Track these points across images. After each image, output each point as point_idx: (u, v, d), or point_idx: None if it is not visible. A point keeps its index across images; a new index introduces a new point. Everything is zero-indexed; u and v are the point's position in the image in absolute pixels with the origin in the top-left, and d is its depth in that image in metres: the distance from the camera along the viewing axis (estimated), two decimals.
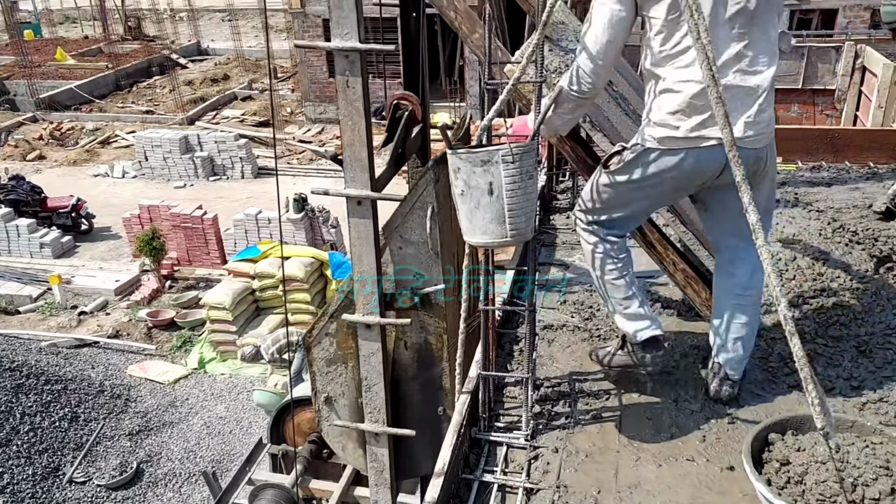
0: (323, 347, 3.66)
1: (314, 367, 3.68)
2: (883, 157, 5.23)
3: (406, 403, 3.64)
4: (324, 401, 3.71)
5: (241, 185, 17.52)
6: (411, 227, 3.40)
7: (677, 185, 2.62)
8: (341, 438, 3.75)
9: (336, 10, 3.21)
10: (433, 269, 3.36)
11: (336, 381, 3.69)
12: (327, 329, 3.64)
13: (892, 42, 9.75)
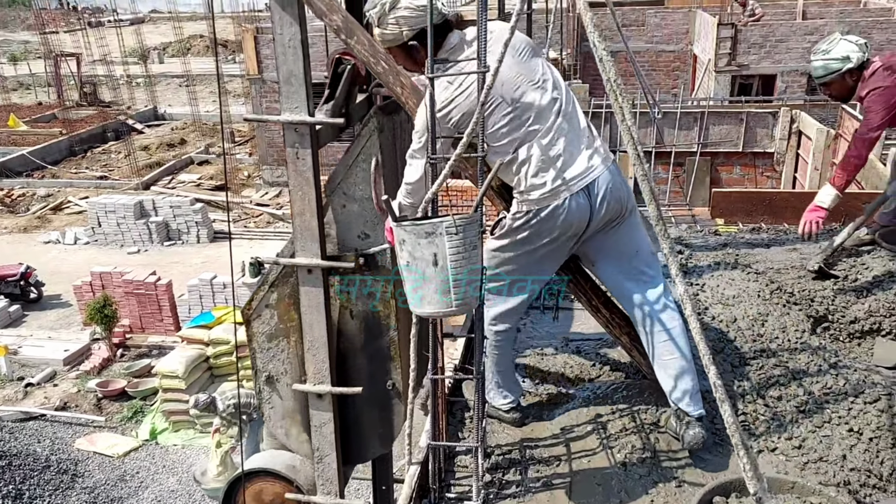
0: (263, 321, 3.43)
1: (254, 344, 3.43)
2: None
3: (353, 379, 3.43)
4: (265, 381, 3.47)
5: (197, 249, 17.37)
6: (355, 181, 3.26)
7: (556, 240, 2.81)
8: (284, 423, 3.54)
9: (285, 85, 3.29)
10: (379, 228, 3.23)
11: (278, 358, 3.46)
12: (267, 300, 3.41)
13: (825, 105, 10.24)
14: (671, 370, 2.91)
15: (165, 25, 45.92)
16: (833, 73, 3.88)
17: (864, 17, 18.33)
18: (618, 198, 2.80)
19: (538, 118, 2.72)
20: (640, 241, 2.94)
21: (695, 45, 21.12)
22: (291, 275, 3.30)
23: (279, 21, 3.18)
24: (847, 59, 3.83)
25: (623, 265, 2.89)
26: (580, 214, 2.76)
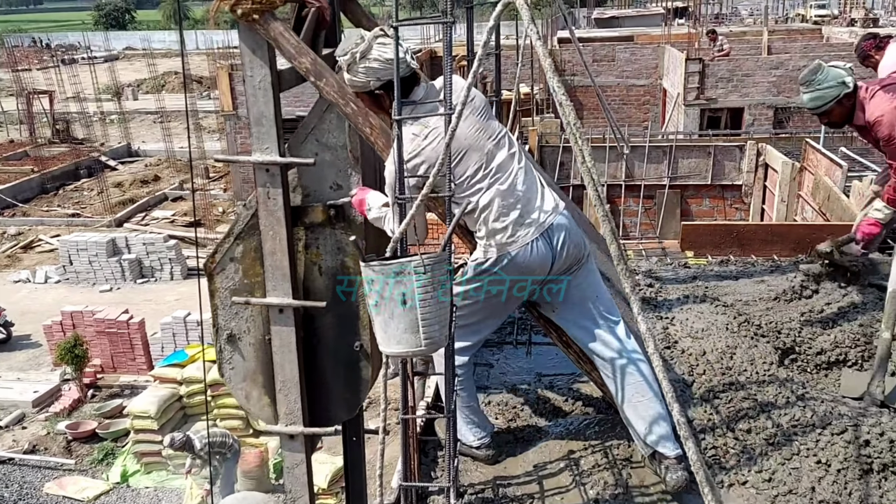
0: (227, 275, 3.29)
1: (216, 300, 3.28)
2: (786, 250, 5.54)
3: (320, 339, 3.32)
4: (226, 339, 3.31)
5: (170, 286, 17.21)
6: (328, 128, 3.17)
7: (517, 286, 2.88)
8: (245, 385, 3.39)
9: (256, 126, 3.31)
10: (352, 178, 3.14)
11: (241, 316, 3.32)
12: (232, 253, 3.27)
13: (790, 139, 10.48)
14: (644, 413, 2.91)
15: (140, 62, 45.95)
16: (832, 100, 3.91)
17: (827, 51, 18.84)
18: (576, 242, 2.91)
19: (500, 169, 2.83)
20: (599, 286, 3.02)
21: (664, 80, 21.54)
22: (258, 226, 3.16)
23: (249, 64, 3.21)
24: (843, 83, 3.88)
25: (584, 311, 2.96)
26: (541, 260, 2.84)
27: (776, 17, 47.28)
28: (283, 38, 3.11)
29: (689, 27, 25.83)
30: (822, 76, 3.91)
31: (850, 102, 3.95)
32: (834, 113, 3.99)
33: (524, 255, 2.82)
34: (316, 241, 3.26)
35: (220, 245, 3.20)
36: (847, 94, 3.89)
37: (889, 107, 3.84)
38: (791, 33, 27.65)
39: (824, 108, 3.95)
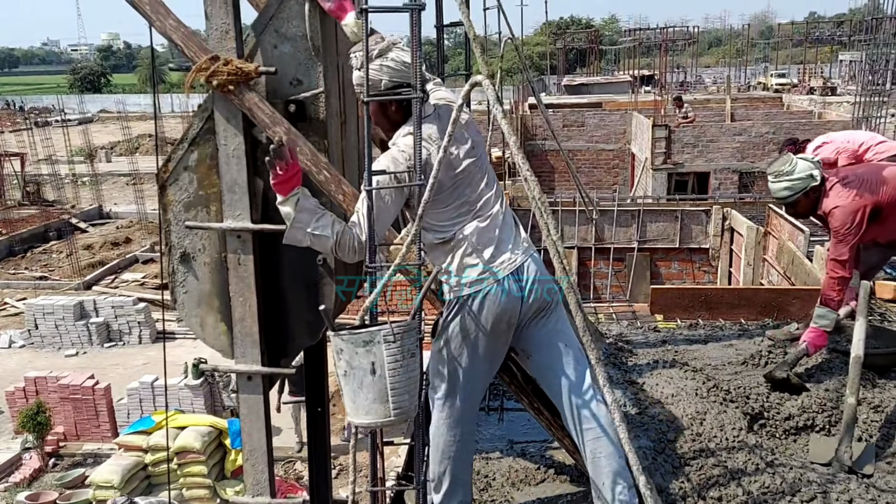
0: (180, 187, 3.06)
1: (169, 214, 3.03)
2: (753, 313, 5.63)
3: (280, 257, 3.14)
4: (179, 259, 3.07)
5: (139, 350, 16.88)
6: (288, 16, 2.98)
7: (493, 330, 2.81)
8: (199, 311, 3.19)
9: (228, 194, 3.33)
10: (313, 72, 2.95)
11: (196, 233, 3.10)
12: (186, 161, 3.05)
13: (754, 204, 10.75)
14: (606, 467, 2.86)
15: (114, 125, 46.06)
16: (799, 192, 4.06)
17: (788, 119, 19.52)
18: (546, 285, 2.89)
19: (484, 205, 2.83)
20: (569, 336, 2.98)
21: (632, 145, 22.07)
22: (215, 130, 3.01)
23: (223, 132, 3.25)
24: (811, 176, 4.04)
25: (553, 360, 2.91)
26: (512, 300, 2.80)
27: (739, 85, 49.01)
28: (258, 108, 3.17)
29: (656, 94, 26.62)
30: (791, 168, 4.06)
31: (815, 195, 4.10)
32: (801, 204, 4.15)
33: (494, 294, 2.77)
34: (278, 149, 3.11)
35: (174, 152, 3.00)
36: (814, 187, 4.05)
37: (845, 202, 3.98)
38: (753, 101, 28.61)
39: (792, 199, 4.11)
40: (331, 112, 3.19)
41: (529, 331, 2.91)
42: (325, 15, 3.06)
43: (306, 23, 2.92)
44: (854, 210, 3.97)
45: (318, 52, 2.95)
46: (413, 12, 2.65)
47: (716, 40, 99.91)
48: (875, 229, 4.13)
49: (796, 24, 66.88)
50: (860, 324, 3.85)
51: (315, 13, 2.93)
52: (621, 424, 1.91)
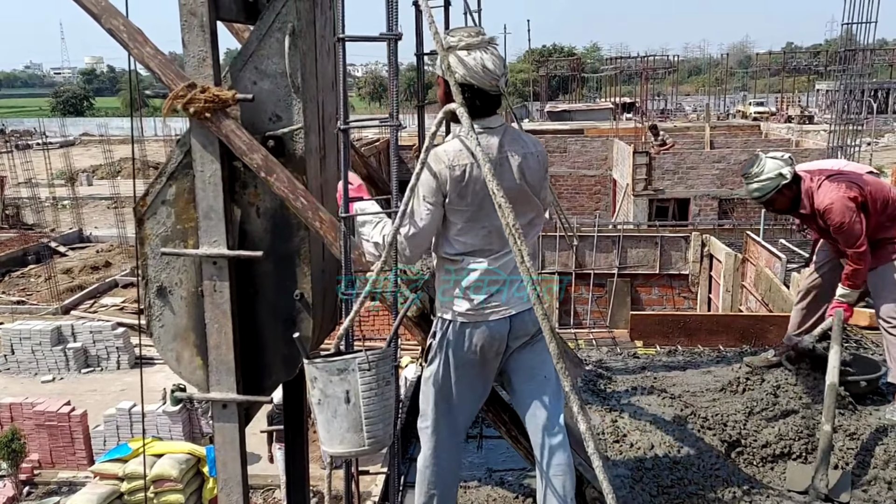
0: (158, 220, 3.04)
1: (146, 247, 3.02)
2: (731, 339, 5.66)
3: (257, 289, 3.08)
4: (156, 293, 3.05)
5: (116, 376, 16.65)
6: (268, 53, 2.96)
7: (481, 359, 2.79)
8: (175, 345, 3.15)
9: (205, 220, 3.32)
10: (292, 108, 2.94)
11: (173, 266, 3.07)
12: (164, 195, 3.02)
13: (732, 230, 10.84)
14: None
15: (96, 148, 45.82)
16: (771, 191, 4.11)
17: (766, 146, 19.78)
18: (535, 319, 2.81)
19: (501, 241, 2.66)
20: (550, 367, 2.88)
21: (614, 171, 22.27)
22: (192, 165, 2.98)
23: (200, 159, 3.25)
24: (781, 175, 4.08)
25: (533, 390, 2.88)
26: (500, 329, 2.76)
27: (718, 113, 49.70)
28: (235, 135, 3.17)
29: (637, 122, 26.92)
30: (760, 168, 4.12)
31: (791, 191, 4.14)
32: (776, 202, 4.20)
33: (483, 329, 2.74)
34: (254, 179, 3.06)
35: (152, 186, 2.98)
36: (786, 184, 4.09)
37: (837, 195, 4.02)
38: (732, 129, 29.00)
39: (765, 198, 4.16)
40: (309, 148, 3.19)
41: (514, 358, 2.88)
42: (306, 52, 3.08)
43: (286, 60, 2.93)
44: (849, 199, 4.01)
45: (297, 90, 2.95)
46: (390, 42, 2.68)
47: (695, 69, 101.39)
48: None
49: (774, 53, 68.02)
50: (835, 351, 3.88)
51: (295, 50, 2.93)
52: (595, 453, 1.90)
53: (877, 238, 4.18)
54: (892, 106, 52.68)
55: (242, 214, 3.13)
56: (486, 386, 2.95)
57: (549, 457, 2.84)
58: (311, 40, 3.19)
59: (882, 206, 4.15)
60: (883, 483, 3.55)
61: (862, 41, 17.06)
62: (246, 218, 3.14)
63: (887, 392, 4.38)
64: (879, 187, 4.21)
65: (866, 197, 4.09)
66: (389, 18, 2.61)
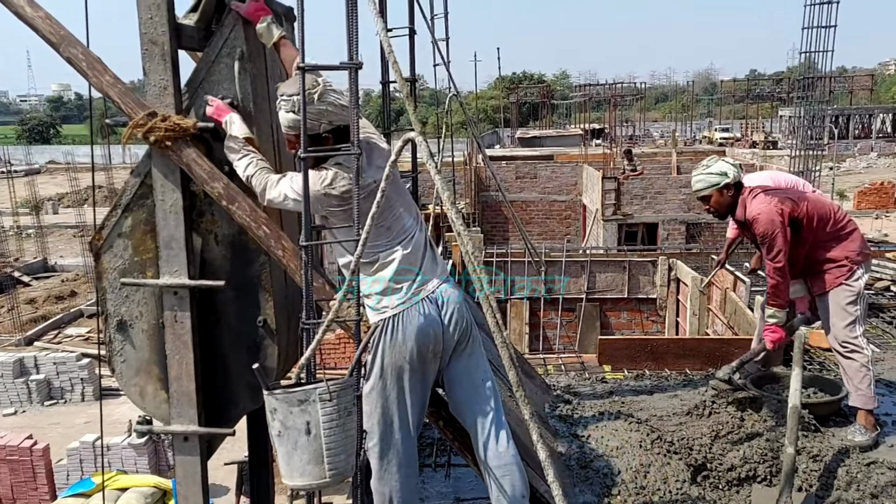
0: (115, 254, 3.01)
1: (104, 281, 2.97)
2: (697, 363, 5.70)
3: (219, 318, 3.06)
4: (116, 328, 3.01)
5: (81, 408, 16.31)
6: (218, 79, 3.00)
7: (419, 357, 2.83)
8: (138, 379, 3.09)
9: (165, 249, 3.28)
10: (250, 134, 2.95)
11: (132, 299, 3.03)
12: (120, 227, 2.99)
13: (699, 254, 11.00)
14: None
15: (63, 176, 45.23)
16: (711, 186, 4.22)
17: None
18: (462, 314, 2.93)
19: (405, 231, 2.89)
20: (486, 371, 3.02)
21: (584, 196, 22.48)
22: (149, 195, 2.97)
23: (161, 188, 3.22)
24: (724, 174, 4.20)
25: (471, 395, 2.94)
26: (433, 324, 2.83)
27: (684, 139, 50.55)
28: (196, 164, 3.15)
29: (605, 147, 27.25)
30: (710, 164, 4.28)
31: (729, 194, 4.25)
32: (713, 199, 4.30)
33: (415, 316, 2.82)
34: (210, 206, 3.08)
35: (107, 219, 2.96)
36: (727, 184, 4.20)
37: (767, 208, 4.12)
38: (698, 154, 29.43)
39: (704, 192, 4.28)
40: None
41: (453, 365, 2.94)
42: (257, 76, 3.09)
43: (236, 86, 2.94)
44: (776, 213, 4.10)
45: (248, 115, 2.97)
46: (351, 70, 2.69)
47: (662, 96, 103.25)
48: (792, 249, 4.23)
49: (738, 81, 69.61)
50: (796, 373, 3.91)
51: (245, 75, 2.94)
52: (555, 482, 1.90)
53: (820, 259, 4.25)
54: (852, 132, 54.03)
55: (202, 244, 3.12)
56: (426, 390, 2.96)
57: (497, 459, 2.89)
58: (262, 64, 3.21)
59: (821, 224, 4.23)
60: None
61: (821, 69, 17.52)
62: (205, 245, 3.13)
63: (849, 413, 4.43)
64: (819, 205, 4.31)
65: (802, 213, 4.18)
66: (350, 47, 2.63)
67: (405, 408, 2.88)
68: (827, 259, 4.26)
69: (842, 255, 4.25)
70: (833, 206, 4.41)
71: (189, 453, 3.38)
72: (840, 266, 4.25)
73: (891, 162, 44.91)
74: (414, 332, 2.82)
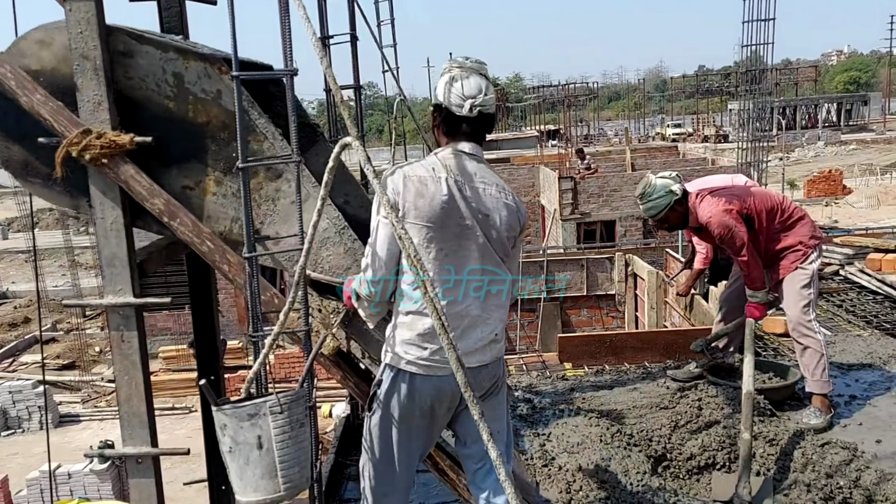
0: None
1: None
2: (656, 356, 5.76)
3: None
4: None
5: (40, 437, 15.83)
6: None
7: (430, 415, 2.56)
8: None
9: (108, 268, 3.22)
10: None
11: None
12: None
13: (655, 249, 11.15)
14: None
15: (11, 200, 44.08)
16: (664, 208, 4.28)
17: (684, 166, 20.44)
18: (492, 374, 2.62)
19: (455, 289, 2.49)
20: (503, 420, 2.72)
21: (542, 197, 22.62)
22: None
23: (100, 206, 3.16)
24: (671, 192, 4.26)
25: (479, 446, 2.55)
26: (454, 386, 2.36)
27: (638, 136, 51.28)
28: (135, 181, 3.09)
29: (560, 148, 27.49)
30: (651, 189, 4.29)
31: (681, 207, 4.33)
32: (670, 219, 4.38)
33: (436, 385, 2.49)
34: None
35: None
36: (677, 199, 4.27)
37: (716, 210, 4.21)
38: (651, 151, 29.91)
39: (660, 215, 4.33)
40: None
41: (466, 413, 2.58)
42: None
43: None
44: (724, 213, 4.19)
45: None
46: (287, 77, 2.67)
47: (615, 95, 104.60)
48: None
49: (687, 77, 70.81)
50: (748, 360, 3.99)
51: None
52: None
53: (775, 249, 4.35)
54: (799, 122, 55.39)
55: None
56: (432, 440, 2.72)
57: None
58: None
59: (770, 217, 4.33)
60: (803, 486, 3.64)
61: (766, 62, 17.91)
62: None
63: (804, 397, 4.52)
64: (764, 198, 4.42)
65: (749, 209, 4.27)
66: (285, 54, 2.60)
67: (408, 447, 2.61)
68: (782, 248, 4.36)
69: (796, 241, 4.35)
70: (778, 198, 4.51)
71: (143, 475, 3.32)
72: (795, 251, 4.35)
73: (838, 150, 46.16)
74: (431, 395, 2.51)
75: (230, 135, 3.05)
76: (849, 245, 8.77)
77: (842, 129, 54.61)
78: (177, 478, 8.44)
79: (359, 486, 4.08)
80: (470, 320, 2.52)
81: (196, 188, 3.16)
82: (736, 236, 4.16)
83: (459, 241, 2.47)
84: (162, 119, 3.10)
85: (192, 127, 3.09)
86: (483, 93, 2.48)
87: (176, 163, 3.15)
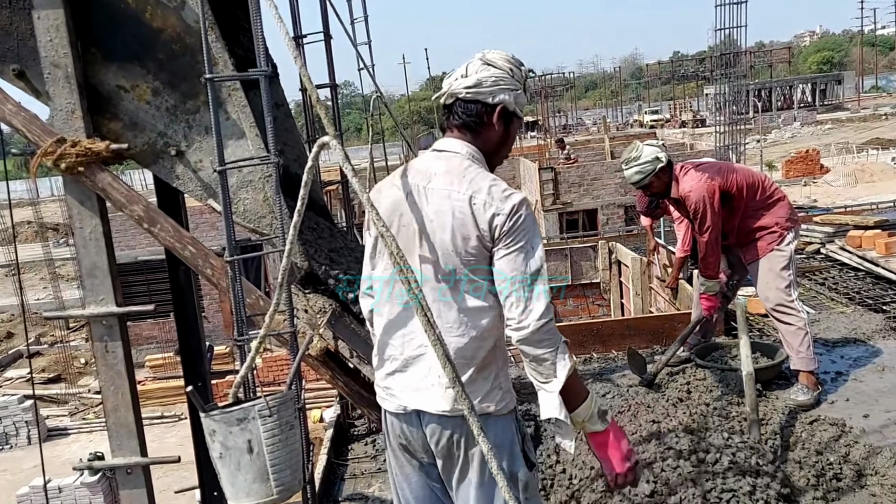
0: None
1: None
2: (643, 342, 5.78)
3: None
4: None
5: (28, 452, 15.70)
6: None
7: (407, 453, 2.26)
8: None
9: (89, 278, 3.19)
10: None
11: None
12: None
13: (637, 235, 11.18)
14: None
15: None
16: (649, 174, 4.33)
17: None
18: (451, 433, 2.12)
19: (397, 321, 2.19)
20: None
21: (522, 188, 22.66)
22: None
23: (78, 215, 3.13)
24: (657, 159, 4.32)
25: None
26: (411, 430, 2.18)
27: (616, 124, 51.47)
28: (112, 189, 3.07)
29: (540, 139, 27.53)
30: (638, 154, 4.37)
31: (665, 176, 4.40)
32: (654, 185, 4.44)
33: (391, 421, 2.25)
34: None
35: None
36: (662, 167, 4.33)
37: (698, 184, 4.26)
38: (630, 138, 29.95)
39: (645, 181, 4.39)
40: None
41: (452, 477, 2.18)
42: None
43: None
44: (706, 190, 4.26)
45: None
46: (262, 78, 2.65)
47: (592, 84, 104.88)
48: (726, 220, 4.39)
49: (662, 63, 71.21)
50: (744, 342, 3.99)
51: None
52: None
53: (751, 227, 4.40)
54: (775, 103, 55.82)
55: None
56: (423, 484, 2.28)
57: None
58: None
59: (751, 193, 4.40)
60: (794, 464, 3.67)
61: (739, 44, 18.03)
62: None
63: (790, 375, 4.56)
64: (748, 175, 4.50)
65: (732, 185, 4.34)
66: (258, 55, 2.59)
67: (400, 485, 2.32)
68: (758, 227, 4.40)
69: (772, 223, 4.39)
70: (760, 176, 4.56)
71: (134, 486, 3.29)
72: (771, 233, 4.38)
73: (814, 130, 46.57)
74: (391, 425, 2.25)
75: (182, 48, 3.01)
76: (829, 223, 8.85)
77: (817, 109, 55.09)
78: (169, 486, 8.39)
79: (352, 487, 4.09)
80: (413, 349, 2.15)
81: (131, 91, 3.10)
82: (707, 216, 4.25)
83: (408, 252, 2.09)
84: (117, 10, 3.03)
85: (145, 29, 3.04)
86: (464, 75, 2.16)
87: (118, 60, 3.08)
